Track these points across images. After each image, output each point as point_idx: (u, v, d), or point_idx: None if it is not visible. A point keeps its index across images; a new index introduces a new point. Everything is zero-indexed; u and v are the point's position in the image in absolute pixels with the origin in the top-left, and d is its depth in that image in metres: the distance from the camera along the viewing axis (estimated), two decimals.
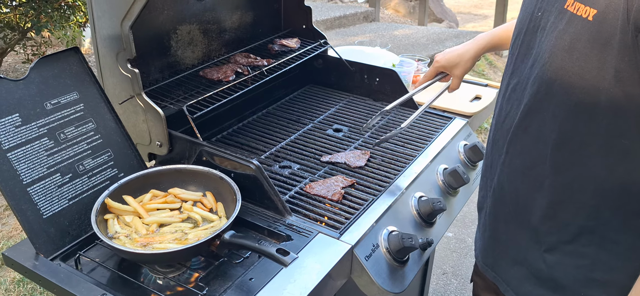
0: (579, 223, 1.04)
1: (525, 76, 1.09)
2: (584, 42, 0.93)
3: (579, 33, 0.94)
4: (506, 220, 1.19)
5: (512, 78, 1.14)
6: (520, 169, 1.11)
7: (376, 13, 7.37)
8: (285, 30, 2.12)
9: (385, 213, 1.35)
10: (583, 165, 1.00)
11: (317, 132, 1.79)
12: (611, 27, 0.89)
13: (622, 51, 0.88)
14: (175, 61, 1.72)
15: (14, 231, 3.10)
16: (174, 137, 1.45)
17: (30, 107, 1.27)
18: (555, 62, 0.98)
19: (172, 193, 1.32)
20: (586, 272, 1.06)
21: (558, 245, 1.08)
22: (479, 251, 1.33)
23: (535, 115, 1.05)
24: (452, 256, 3.26)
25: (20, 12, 3.93)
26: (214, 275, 1.17)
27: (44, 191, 1.22)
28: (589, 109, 0.95)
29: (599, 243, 1.03)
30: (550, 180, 1.05)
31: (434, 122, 1.85)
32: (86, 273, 1.16)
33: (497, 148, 1.19)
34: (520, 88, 1.10)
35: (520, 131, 1.10)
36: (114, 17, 1.38)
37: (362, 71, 2.03)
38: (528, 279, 1.16)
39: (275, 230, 1.28)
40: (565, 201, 1.04)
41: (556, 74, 0.98)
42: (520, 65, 1.11)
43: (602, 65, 0.91)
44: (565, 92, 0.98)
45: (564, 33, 0.97)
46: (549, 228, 1.08)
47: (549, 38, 1.00)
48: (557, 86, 0.99)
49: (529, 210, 1.11)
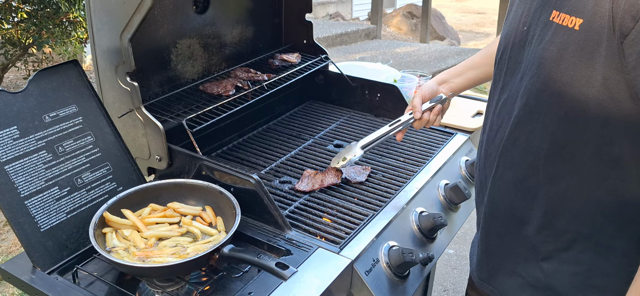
0: (575, 230, 1.05)
1: (514, 90, 1.10)
2: (571, 52, 0.94)
3: (566, 43, 0.95)
4: (500, 234, 1.19)
5: (502, 94, 1.15)
6: (512, 181, 1.12)
7: (378, 30, 7.41)
8: (286, 45, 2.13)
9: (386, 228, 1.34)
10: (575, 173, 1.01)
11: (317, 148, 1.78)
12: (597, 35, 0.90)
13: (609, 58, 0.89)
14: (175, 75, 1.72)
15: (13, 247, 3.08)
16: (174, 151, 1.44)
17: (28, 119, 1.27)
18: (544, 72, 0.99)
19: (171, 208, 1.31)
20: (583, 279, 1.06)
21: (554, 253, 1.09)
22: (474, 267, 1.33)
23: (525, 127, 1.06)
24: (453, 273, 3.23)
25: (21, 28, 3.95)
26: (213, 288, 1.15)
27: (41, 204, 1.21)
28: (579, 118, 0.96)
29: (595, 250, 1.04)
30: (545, 190, 1.06)
31: (435, 137, 1.84)
32: (84, 287, 1.15)
33: (489, 163, 1.19)
34: (510, 102, 1.11)
35: (510, 144, 1.11)
36: (113, 30, 1.38)
37: (363, 86, 2.03)
38: (524, 289, 1.16)
39: (274, 244, 1.27)
40: (560, 210, 1.05)
41: (545, 85, 0.99)
42: (510, 79, 1.12)
43: (590, 73, 0.92)
44: (554, 102, 0.99)
45: (550, 44, 0.98)
46: (545, 237, 1.09)
47: (536, 50, 1.01)
48: (546, 96, 1.00)
49: (524, 221, 1.12)
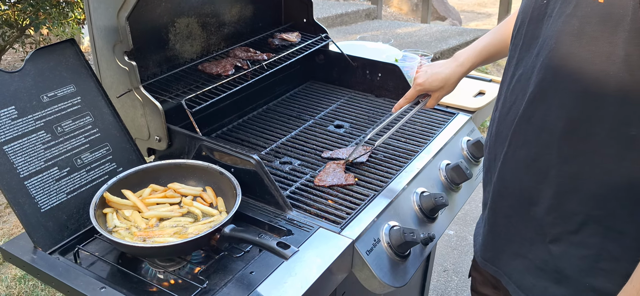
0: (585, 213, 1.03)
1: (530, 65, 1.07)
2: (593, 25, 0.91)
3: (588, 16, 0.92)
4: (507, 214, 1.18)
5: (517, 69, 1.12)
6: (523, 160, 1.10)
7: (378, 10, 7.35)
8: (286, 24, 2.11)
9: (387, 208, 1.34)
10: (590, 154, 0.98)
11: (318, 128, 1.77)
12: (622, 8, 0.87)
13: (633, 33, 0.87)
14: (173, 55, 1.70)
15: (15, 228, 3.09)
16: (173, 132, 1.43)
17: (26, 99, 1.26)
18: (563, 47, 0.96)
19: (172, 188, 1.31)
20: (591, 262, 1.05)
21: (563, 236, 1.07)
22: (478, 247, 1.32)
23: (540, 104, 1.04)
24: (453, 253, 3.24)
25: (18, 9, 3.92)
26: (215, 268, 1.15)
27: (41, 185, 1.21)
28: (597, 96, 0.94)
29: (605, 234, 1.02)
30: (557, 170, 1.03)
31: (437, 117, 1.83)
32: (85, 267, 1.15)
33: (500, 141, 1.17)
34: (525, 78, 1.08)
35: (524, 121, 1.08)
36: (110, 8, 1.36)
37: (364, 66, 2.01)
38: (530, 271, 1.15)
39: (275, 224, 1.26)
40: (572, 191, 1.03)
41: (564, 60, 0.96)
42: (525, 54, 1.09)
43: (611, 49, 0.90)
44: (573, 79, 0.96)
45: (572, 17, 0.95)
46: (554, 219, 1.07)
47: (555, 24, 0.99)
48: (564, 72, 0.97)
49: (533, 202, 1.10)
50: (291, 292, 1.07)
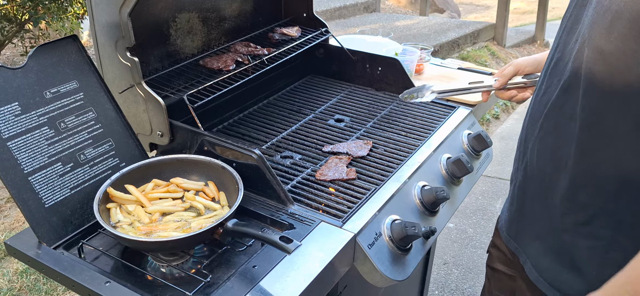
0: (597, 205, 1.04)
1: (568, 51, 1.07)
2: (624, 21, 0.92)
3: (621, 11, 0.92)
4: (533, 197, 1.20)
5: (557, 53, 1.13)
6: (550, 147, 1.11)
7: (377, 3, 7.33)
8: (286, 19, 2.11)
9: (388, 202, 1.35)
10: (609, 148, 0.99)
11: (318, 122, 1.78)
12: None
13: None
14: (174, 50, 1.70)
15: (16, 223, 3.10)
16: (175, 127, 1.44)
17: (29, 95, 1.26)
18: (594, 39, 0.97)
19: (174, 183, 1.31)
20: (602, 252, 1.06)
21: (573, 226, 1.09)
22: (503, 222, 1.34)
23: (571, 95, 1.04)
24: (453, 246, 3.26)
25: (17, 4, 3.91)
26: (218, 262, 1.16)
27: (45, 180, 1.21)
28: (622, 92, 0.94)
29: (616, 227, 1.03)
30: (574, 161, 1.05)
31: (438, 111, 1.84)
32: (89, 261, 1.16)
33: (533, 123, 1.18)
34: (562, 64, 1.09)
35: (555, 108, 1.09)
36: (112, 4, 1.36)
37: (364, 60, 2.01)
38: (547, 254, 1.17)
39: (277, 218, 1.27)
40: (586, 183, 1.04)
41: (593, 52, 0.97)
42: (566, 39, 1.10)
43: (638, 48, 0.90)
44: (598, 72, 0.97)
45: (606, 11, 0.95)
46: (566, 208, 1.09)
47: (593, 14, 0.99)
48: (591, 65, 0.98)
49: (552, 189, 1.12)
50: (294, 286, 1.08)
